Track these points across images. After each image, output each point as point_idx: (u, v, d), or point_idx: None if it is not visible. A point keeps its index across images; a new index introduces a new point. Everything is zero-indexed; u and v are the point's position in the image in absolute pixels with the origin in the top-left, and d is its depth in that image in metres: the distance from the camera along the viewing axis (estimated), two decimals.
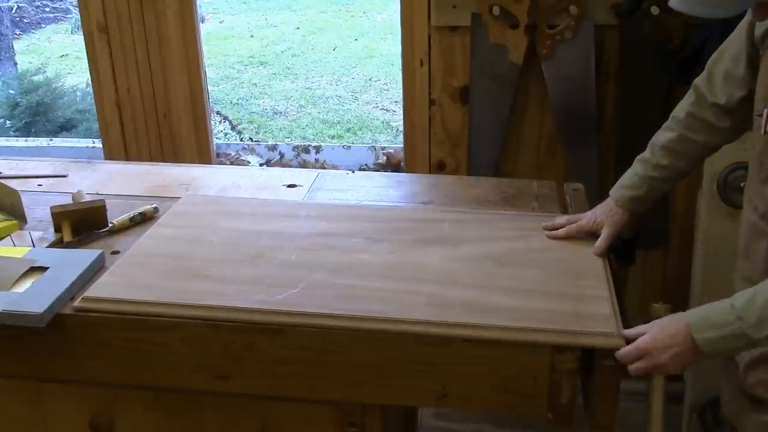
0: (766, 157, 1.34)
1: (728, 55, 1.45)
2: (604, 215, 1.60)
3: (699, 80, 1.51)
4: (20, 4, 8.47)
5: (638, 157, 1.59)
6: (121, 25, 2.50)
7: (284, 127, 5.83)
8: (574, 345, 1.30)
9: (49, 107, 5.18)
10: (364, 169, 2.81)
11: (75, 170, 2.11)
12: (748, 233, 1.42)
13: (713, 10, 1.17)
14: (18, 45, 7.52)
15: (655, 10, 2.15)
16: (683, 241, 2.35)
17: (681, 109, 1.54)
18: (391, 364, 1.34)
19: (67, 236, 1.65)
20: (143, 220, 1.75)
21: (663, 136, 1.56)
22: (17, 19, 8.39)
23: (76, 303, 1.41)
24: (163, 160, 2.58)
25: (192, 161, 2.58)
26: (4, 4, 6.88)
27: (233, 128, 5.77)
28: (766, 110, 1.33)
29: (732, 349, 1.28)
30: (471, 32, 2.27)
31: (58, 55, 7.48)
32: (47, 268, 1.49)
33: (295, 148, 2.95)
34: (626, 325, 1.35)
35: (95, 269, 1.52)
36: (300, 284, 1.44)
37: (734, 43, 1.44)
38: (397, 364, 1.34)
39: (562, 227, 1.64)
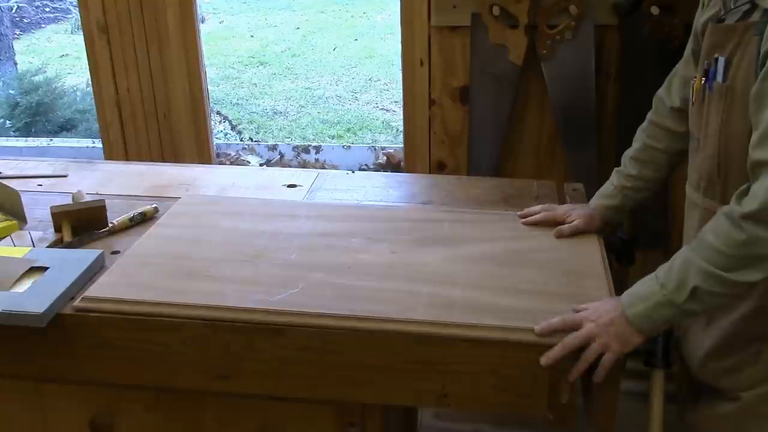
0: (694, 128, 1.38)
1: (683, 61, 1.51)
2: (581, 216, 1.62)
3: (660, 90, 1.57)
4: (20, 4, 8.48)
5: (615, 168, 1.64)
6: (121, 25, 2.50)
7: (284, 127, 5.83)
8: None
9: (49, 107, 5.19)
10: (364, 169, 2.81)
11: (75, 170, 2.11)
12: (687, 212, 1.45)
13: None
14: (18, 45, 7.53)
15: (655, 10, 2.15)
16: (683, 242, 2.34)
17: (645, 120, 1.60)
18: (391, 364, 1.34)
19: (67, 236, 1.65)
20: (143, 220, 1.75)
21: (631, 147, 1.61)
22: (17, 19, 8.40)
23: (76, 303, 1.41)
24: (163, 160, 2.59)
25: (192, 161, 2.58)
26: (4, 4, 6.88)
27: (233, 128, 5.77)
28: (692, 82, 1.37)
29: (663, 320, 1.26)
30: (471, 32, 2.27)
31: (58, 55, 7.49)
32: (47, 268, 1.48)
33: (295, 148, 2.96)
34: None
35: (95, 269, 1.52)
36: (300, 284, 1.44)
37: (687, 49, 1.49)
38: (397, 364, 1.34)
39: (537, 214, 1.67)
